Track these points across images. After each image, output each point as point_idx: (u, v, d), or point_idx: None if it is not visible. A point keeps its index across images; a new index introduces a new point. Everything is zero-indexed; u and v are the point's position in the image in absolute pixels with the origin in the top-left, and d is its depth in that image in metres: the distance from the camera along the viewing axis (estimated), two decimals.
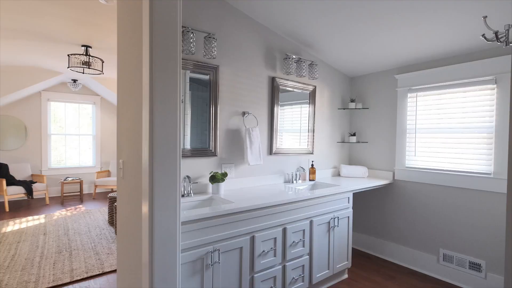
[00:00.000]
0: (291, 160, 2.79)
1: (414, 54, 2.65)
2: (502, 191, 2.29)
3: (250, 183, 2.44)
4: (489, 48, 2.36)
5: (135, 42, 1.45)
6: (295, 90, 2.78)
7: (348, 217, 2.53)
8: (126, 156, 1.65)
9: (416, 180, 2.81)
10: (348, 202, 2.53)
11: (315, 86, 2.95)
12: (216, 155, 2.22)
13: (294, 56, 2.59)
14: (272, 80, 2.60)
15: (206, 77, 2.16)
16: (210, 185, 2.19)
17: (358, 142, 3.26)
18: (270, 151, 2.61)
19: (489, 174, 2.37)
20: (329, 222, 2.34)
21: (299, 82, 2.79)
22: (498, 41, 1.03)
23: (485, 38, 1.10)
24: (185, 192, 1.99)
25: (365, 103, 3.30)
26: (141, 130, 1.33)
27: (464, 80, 2.49)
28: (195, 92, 2.13)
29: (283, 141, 2.71)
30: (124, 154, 1.69)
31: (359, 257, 3.07)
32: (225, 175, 2.12)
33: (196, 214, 1.56)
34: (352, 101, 3.25)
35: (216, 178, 2.07)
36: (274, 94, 2.59)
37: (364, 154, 3.30)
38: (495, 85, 2.34)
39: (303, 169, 2.77)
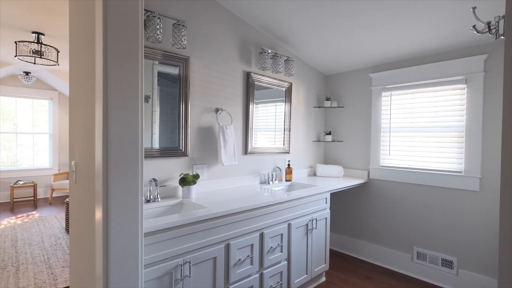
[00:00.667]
0: (267, 160, 2.67)
1: (388, 53, 2.64)
2: (472, 189, 2.34)
3: (224, 185, 2.28)
4: (460, 49, 2.40)
5: (88, 24, 1.23)
6: (271, 86, 2.65)
7: (326, 218, 2.45)
8: (79, 157, 1.42)
9: (391, 179, 2.81)
10: (326, 203, 2.45)
11: (291, 83, 2.85)
12: (186, 155, 2.02)
13: (270, 51, 2.46)
14: (247, 75, 2.45)
15: (176, 71, 1.96)
16: (180, 188, 1.99)
17: (333, 141, 3.22)
18: (245, 151, 2.47)
19: (460, 172, 2.41)
20: (307, 225, 2.24)
21: (275, 79, 2.67)
22: (489, 33, 0.97)
23: (475, 30, 1.03)
24: (151, 197, 1.78)
25: (340, 101, 3.26)
26: (94, 127, 1.12)
27: (436, 80, 2.52)
28: (164, 88, 1.92)
29: (258, 140, 2.58)
30: (77, 155, 1.45)
31: (335, 257, 3.03)
32: (196, 177, 1.94)
33: (164, 222, 1.37)
34: (328, 99, 3.20)
35: (186, 181, 1.88)
36: (250, 90, 2.45)
37: (340, 153, 3.27)
38: (465, 85, 2.38)
39: (280, 169, 2.66)
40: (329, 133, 3.24)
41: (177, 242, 1.43)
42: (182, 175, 1.95)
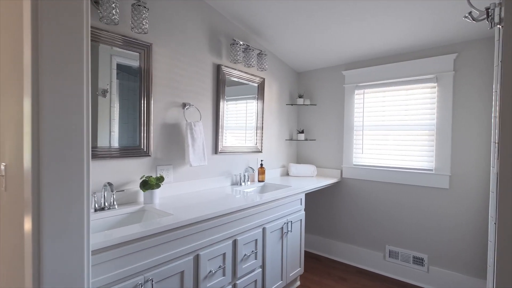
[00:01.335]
0: (239, 160, 2.50)
1: (361, 51, 2.61)
2: (442, 186, 2.37)
3: (192, 187, 2.07)
4: (431, 48, 2.42)
5: None
6: (242, 81, 2.49)
7: (301, 220, 2.34)
8: (9, 159, 1.14)
9: (364, 178, 2.79)
10: (301, 204, 2.35)
11: (264, 79, 2.71)
12: (149, 155, 1.79)
13: (241, 43, 2.30)
14: (218, 68, 2.26)
15: (137, 62, 1.72)
16: (141, 193, 1.75)
17: (306, 139, 3.14)
18: (216, 150, 2.28)
19: (431, 170, 2.44)
20: (282, 228, 2.11)
21: (247, 73, 2.51)
22: (487, 20, 0.90)
23: (471, 17, 0.96)
24: (106, 205, 1.53)
25: (313, 99, 3.19)
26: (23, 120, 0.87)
27: (408, 78, 2.53)
28: (124, 82, 1.68)
29: (230, 138, 2.40)
30: (7, 155, 1.17)
31: (309, 259, 2.94)
32: (161, 179, 1.71)
33: (120, 235, 1.14)
34: (300, 96, 3.11)
35: (149, 184, 1.66)
36: (220, 84, 2.26)
37: (312, 152, 3.20)
38: (436, 84, 2.41)
39: (252, 169, 2.50)
40: (302, 132, 3.15)
41: (137, 257, 1.21)
42: (143, 178, 1.72)
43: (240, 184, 2.40)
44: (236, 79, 2.42)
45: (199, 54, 2.12)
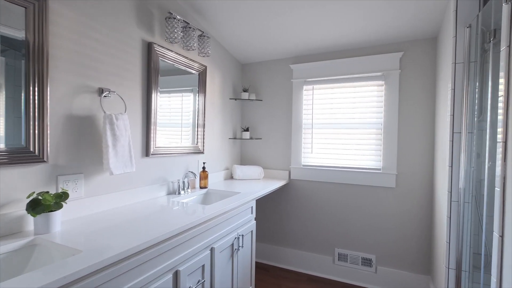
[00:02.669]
0: (177, 163, 2.05)
1: (311, 43, 2.43)
2: (389, 185, 2.35)
3: (114, 202, 1.55)
4: (380, 45, 2.38)
5: None
6: (180, 66, 2.04)
7: (252, 231, 2.03)
8: None
9: (313, 179, 2.63)
10: (252, 213, 2.03)
11: (206, 67, 2.30)
12: (44, 161, 1.22)
13: (179, 17, 1.85)
14: (149, 47, 1.77)
15: (22, 23, 1.14)
16: (30, 218, 1.18)
17: (251, 138, 2.85)
18: (147, 152, 1.79)
19: (379, 169, 2.41)
20: (232, 244, 1.76)
21: (186, 57, 2.07)
22: None
23: None
24: None
25: (258, 94, 2.92)
26: None
27: (356, 75, 2.45)
28: (11, 61, 1.10)
29: (165, 137, 1.93)
30: None
31: (257, 271, 2.66)
32: (63, 196, 1.18)
33: None
34: (245, 90, 2.79)
35: (42, 205, 1.11)
36: (152, 67, 1.78)
37: (258, 152, 2.93)
38: (383, 82, 2.38)
39: (194, 174, 2.08)
40: (247, 130, 2.85)
41: None
42: (33, 196, 1.15)
43: (179, 193, 1.95)
44: (172, 63, 1.95)
45: (123, 25, 1.60)
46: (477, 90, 1.55)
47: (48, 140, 1.23)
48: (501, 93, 0.89)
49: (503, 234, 0.87)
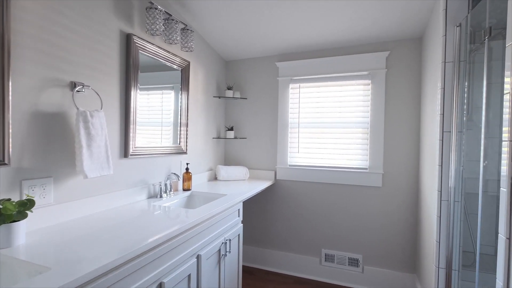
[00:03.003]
0: (159, 164, 1.91)
1: (297, 41, 2.37)
2: (376, 185, 2.34)
3: (88, 208, 1.40)
4: (367, 44, 2.37)
5: None
6: (161, 60, 1.90)
7: (239, 235, 1.94)
8: None
9: (299, 179, 2.58)
10: (239, 216, 1.94)
11: (189, 63, 2.18)
12: (5, 163, 1.06)
13: (161, 8, 1.72)
14: (128, 38, 1.63)
15: None
16: None
17: (236, 137, 2.75)
18: (126, 152, 1.64)
19: (366, 169, 2.39)
20: (219, 250, 1.66)
21: (168, 51, 1.94)
22: None
23: None
24: None
25: (243, 92, 2.82)
26: None
27: (343, 74, 2.43)
28: None
29: (142, 136, 1.79)
30: None
31: (242, 275, 2.56)
32: (28, 204, 1.03)
33: None
34: (229, 88, 2.69)
35: (2, 215, 0.96)
36: (131, 60, 1.64)
37: (243, 151, 2.83)
38: (370, 81, 2.37)
39: (177, 176, 1.95)
40: (231, 129, 2.75)
41: None
42: None
43: (161, 197, 1.82)
44: (153, 57, 1.82)
45: (99, 14, 1.45)
46: (466, 89, 1.56)
47: (10, 140, 1.07)
48: (507, 90, 0.86)
49: (510, 236, 0.84)
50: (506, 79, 0.87)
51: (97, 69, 1.45)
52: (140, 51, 1.70)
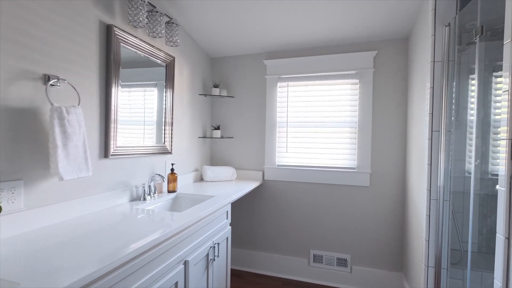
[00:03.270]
0: (142, 165, 1.81)
1: (285, 39, 2.33)
2: (364, 184, 2.34)
3: (64, 213, 1.29)
4: (355, 43, 2.36)
5: None
6: (144, 54, 1.80)
7: (227, 238, 1.87)
8: None
9: (287, 180, 2.54)
10: (227, 218, 1.87)
11: (174, 58, 2.08)
12: None
13: None
14: (108, 29, 1.52)
15: None
16: None
17: (222, 137, 2.68)
18: (106, 152, 1.53)
19: (354, 168, 2.39)
20: (207, 255, 1.58)
21: (152, 46, 1.84)
22: None
23: None
24: None
25: (230, 90, 2.75)
26: None
27: (331, 73, 2.41)
28: None
29: (123, 135, 1.69)
30: None
31: (231, 278, 2.49)
32: None
33: None
34: (216, 86, 2.61)
35: None
36: (112, 54, 1.53)
37: (230, 151, 2.76)
38: (358, 80, 2.36)
39: (162, 177, 1.85)
40: (218, 128, 2.67)
41: None
42: None
43: (144, 199, 1.72)
44: (135, 50, 1.71)
45: (76, 1, 1.34)
46: (454, 89, 1.57)
47: None
48: (505, 88, 0.85)
49: (509, 236, 0.83)
50: (505, 79, 0.86)
51: (74, 62, 1.34)
52: (121, 43, 1.59)
